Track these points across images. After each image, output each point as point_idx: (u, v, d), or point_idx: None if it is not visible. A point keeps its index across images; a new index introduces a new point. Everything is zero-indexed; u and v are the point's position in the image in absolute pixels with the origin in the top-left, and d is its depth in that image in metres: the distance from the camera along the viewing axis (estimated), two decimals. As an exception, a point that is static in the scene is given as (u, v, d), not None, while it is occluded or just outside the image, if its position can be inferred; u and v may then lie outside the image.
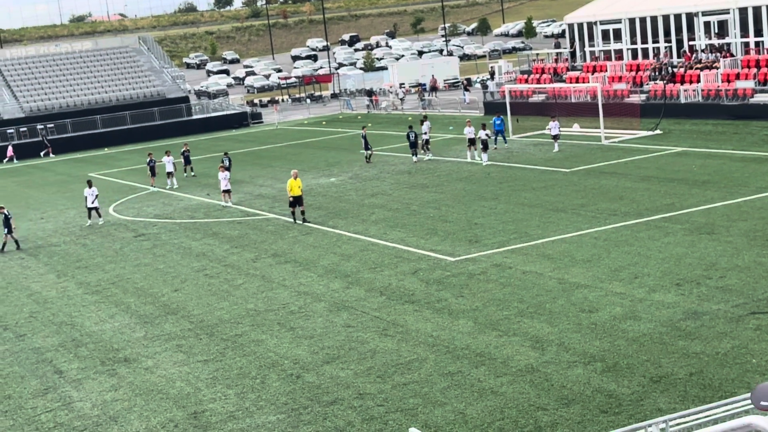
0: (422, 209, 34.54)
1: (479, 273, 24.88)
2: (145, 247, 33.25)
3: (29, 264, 32.71)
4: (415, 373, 18.17)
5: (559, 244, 27.09)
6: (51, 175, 59.75)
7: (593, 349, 18.33)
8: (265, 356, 20.17)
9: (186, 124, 77.61)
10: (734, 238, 25.46)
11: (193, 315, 24.04)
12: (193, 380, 19.19)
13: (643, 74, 56.98)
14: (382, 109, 79.65)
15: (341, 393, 17.57)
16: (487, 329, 20.26)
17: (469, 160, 45.08)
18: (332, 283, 25.60)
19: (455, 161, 45.51)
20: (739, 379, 16.07)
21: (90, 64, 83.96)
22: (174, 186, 47.46)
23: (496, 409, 16.02)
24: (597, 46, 63.41)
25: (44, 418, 18.12)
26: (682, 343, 18.07)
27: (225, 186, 40.15)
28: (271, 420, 16.72)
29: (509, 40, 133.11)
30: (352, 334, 21.04)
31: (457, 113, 69.45)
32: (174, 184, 47.60)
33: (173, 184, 47.66)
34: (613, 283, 22.54)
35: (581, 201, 32.81)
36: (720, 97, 50.93)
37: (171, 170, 47.67)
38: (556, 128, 45.82)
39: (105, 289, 27.95)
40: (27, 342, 23.31)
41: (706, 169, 36.44)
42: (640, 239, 26.51)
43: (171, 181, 47.79)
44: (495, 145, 48.41)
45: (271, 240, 32.20)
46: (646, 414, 14.94)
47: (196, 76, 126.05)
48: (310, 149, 58.20)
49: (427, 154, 47.97)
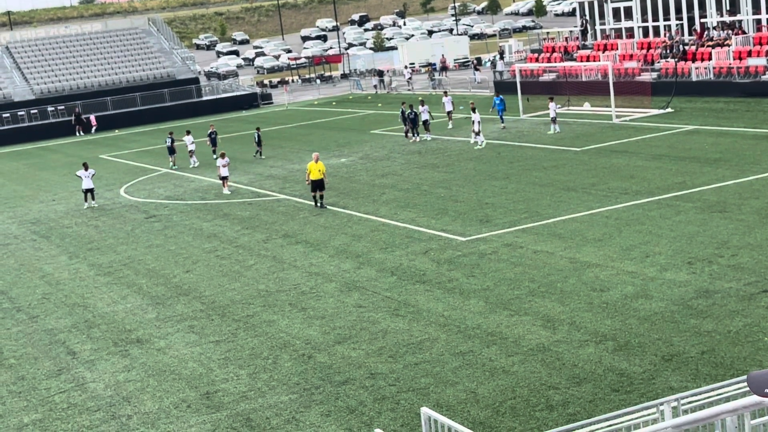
0: (433, 189, 34.51)
1: (490, 253, 24.87)
2: (156, 229, 33.33)
3: (41, 246, 32.82)
4: (426, 352, 18.20)
5: (570, 223, 27.05)
6: (62, 157, 59.86)
7: (604, 328, 18.33)
8: (276, 336, 20.23)
9: (196, 106, 77.61)
10: (746, 216, 25.39)
11: (205, 296, 24.11)
12: (206, 361, 19.26)
13: (654, 52, 56.70)
14: (392, 89, 79.49)
15: (353, 373, 17.62)
16: (498, 309, 20.27)
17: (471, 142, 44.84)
18: (343, 264, 25.63)
19: (465, 141, 45.41)
20: (751, 358, 16.06)
21: (100, 45, 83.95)
22: (195, 164, 47.77)
23: (508, 389, 16.05)
24: (608, 24, 63.11)
25: (58, 398, 18.22)
26: (693, 322, 18.05)
27: (223, 173, 38.81)
28: (283, 400, 16.78)
29: (519, 18, 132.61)
30: (363, 314, 21.08)
31: (467, 92, 69.27)
32: (195, 163, 47.91)
33: (194, 162, 47.98)
34: (624, 262, 22.50)
35: (592, 180, 32.74)
36: (732, 75, 50.68)
37: (192, 149, 48.12)
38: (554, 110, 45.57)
39: (117, 270, 28.04)
40: (40, 323, 23.43)
41: (718, 147, 36.30)
42: (652, 218, 26.46)
43: (193, 159, 48.14)
44: (503, 124, 48.29)
45: (281, 221, 32.24)
46: (657, 392, 14.94)
47: (206, 57, 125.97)
48: (320, 130, 58.14)
49: (427, 135, 47.89)
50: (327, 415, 15.92)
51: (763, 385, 3.57)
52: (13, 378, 19.66)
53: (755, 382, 3.58)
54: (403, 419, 15.40)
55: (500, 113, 48.84)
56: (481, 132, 43.54)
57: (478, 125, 43.08)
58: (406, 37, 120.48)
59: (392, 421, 15.39)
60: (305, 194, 36.42)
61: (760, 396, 3.57)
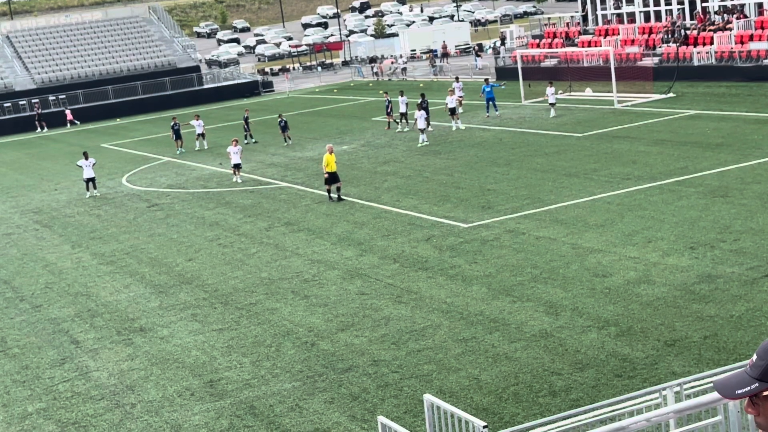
0: (435, 176, 34.50)
1: (492, 239, 24.88)
2: (158, 217, 33.34)
3: (44, 235, 32.85)
4: (429, 339, 18.23)
5: (572, 209, 27.04)
6: (64, 146, 59.84)
7: (607, 313, 18.34)
8: (279, 324, 20.26)
9: (197, 94, 77.51)
10: (748, 201, 25.37)
11: (208, 284, 24.14)
12: (209, 349, 19.30)
13: (656, 37, 56.57)
14: (392, 75, 79.35)
15: (356, 360, 17.64)
16: (500, 295, 20.29)
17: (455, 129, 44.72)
18: (345, 251, 25.64)
19: (467, 127, 45.35)
20: (753, 342, 16.07)
21: (100, 34, 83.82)
22: (204, 147, 48.71)
23: (511, 375, 16.07)
24: (609, 10, 62.94)
25: (62, 387, 18.26)
26: (696, 307, 18.06)
27: (235, 160, 38.62)
28: (286, 387, 16.82)
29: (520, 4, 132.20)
30: (366, 301, 21.10)
31: (468, 79, 69.14)
32: (204, 146, 48.78)
33: (203, 145, 48.89)
34: (626, 248, 22.50)
35: (594, 166, 32.71)
36: (733, 59, 50.56)
37: (201, 132, 49.18)
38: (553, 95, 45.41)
39: (119, 259, 28.07)
40: (43, 313, 23.47)
41: (720, 131, 36.25)
42: (654, 203, 26.44)
43: (199, 142, 49.12)
44: (487, 113, 47.81)
45: (284, 209, 32.24)
46: (660, 378, 14.96)
47: (207, 45, 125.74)
48: (321, 117, 58.09)
49: (404, 126, 47.46)
50: (330, 403, 15.95)
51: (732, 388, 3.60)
52: (17, 367, 19.71)
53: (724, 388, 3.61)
54: (406, 406, 15.43)
55: (492, 101, 47.76)
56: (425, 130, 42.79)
57: (423, 121, 42.38)
58: (407, 24, 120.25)
59: (395, 407, 15.42)
60: (307, 182, 36.44)
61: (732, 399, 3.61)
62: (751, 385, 3.52)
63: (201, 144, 49.26)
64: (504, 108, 49.37)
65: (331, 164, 32.10)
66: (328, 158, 32.21)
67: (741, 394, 3.52)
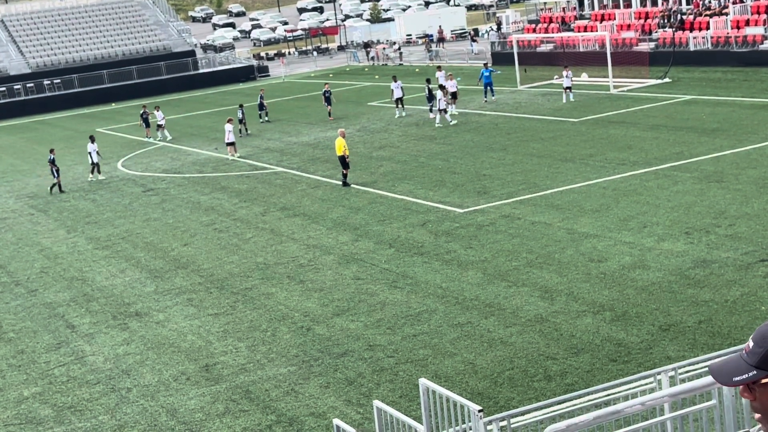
0: (430, 161, 34.48)
1: (488, 224, 24.89)
2: (154, 202, 33.31)
3: (39, 220, 32.81)
4: (424, 324, 18.25)
5: (567, 194, 27.05)
6: (59, 131, 59.71)
7: (602, 298, 18.37)
8: (275, 309, 20.27)
9: (192, 78, 77.37)
10: (743, 186, 25.39)
11: (203, 269, 24.14)
12: (205, 333, 19.32)
13: (652, 22, 56.49)
14: (388, 60, 79.19)
15: (351, 345, 17.67)
16: (496, 280, 20.31)
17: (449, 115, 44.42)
18: (341, 236, 25.65)
19: (463, 112, 45.30)
20: (748, 327, 16.11)
21: (95, 18, 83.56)
22: (167, 138, 48.82)
23: (506, 359, 16.11)
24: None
25: (57, 372, 18.28)
26: (691, 292, 18.10)
27: (229, 138, 40.08)
28: (282, 372, 16.84)
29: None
30: (361, 286, 21.11)
31: (464, 64, 69.05)
32: (167, 136, 49.02)
33: (165, 136, 49.11)
34: (621, 233, 22.53)
35: (590, 151, 32.71)
36: (729, 44, 50.51)
37: (162, 123, 49.39)
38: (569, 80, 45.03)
39: (115, 244, 28.06)
40: (39, 297, 23.46)
41: (716, 116, 36.25)
42: (649, 188, 26.46)
43: (161, 133, 49.37)
44: (485, 98, 47.79)
45: (279, 193, 32.22)
46: (655, 362, 15.00)
47: (202, 30, 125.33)
48: (317, 102, 57.93)
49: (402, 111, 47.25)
50: (326, 387, 15.98)
51: (729, 375, 3.57)
52: (12, 351, 19.72)
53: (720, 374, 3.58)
54: (401, 390, 15.46)
55: (490, 86, 47.59)
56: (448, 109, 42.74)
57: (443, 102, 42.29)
58: (403, 9, 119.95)
59: (391, 392, 15.45)
60: (302, 167, 36.43)
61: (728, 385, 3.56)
62: (749, 373, 3.49)
63: (163, 135, 49.20)
64: (500, 93, 49.31)
65: (339, 148, 31.58)
66: (339, 142, 31.60)
67: (738, 382, 3.49)
